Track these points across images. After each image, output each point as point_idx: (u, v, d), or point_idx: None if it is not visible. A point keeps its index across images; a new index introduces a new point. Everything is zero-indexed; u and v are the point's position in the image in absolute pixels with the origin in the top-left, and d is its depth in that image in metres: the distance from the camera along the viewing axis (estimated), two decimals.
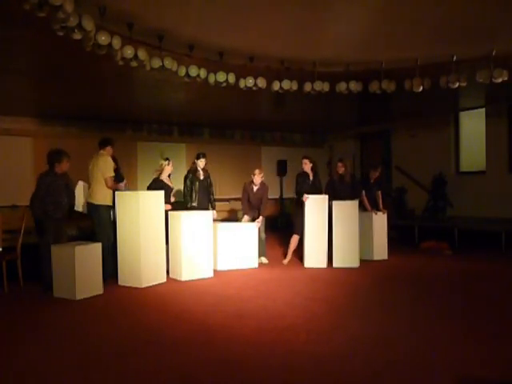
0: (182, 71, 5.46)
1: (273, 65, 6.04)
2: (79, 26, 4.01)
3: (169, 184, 6.43)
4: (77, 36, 4.14)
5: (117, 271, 5.61)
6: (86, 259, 5.00)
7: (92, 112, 9.38)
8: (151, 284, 5.51)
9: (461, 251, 7.79)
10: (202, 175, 6.70)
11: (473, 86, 6.34)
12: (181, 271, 5.79)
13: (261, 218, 6.86)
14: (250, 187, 6.94)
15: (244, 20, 4.77)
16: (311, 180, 6.84)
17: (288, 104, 8.78)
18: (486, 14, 4.68)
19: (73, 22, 3.92)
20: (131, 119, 10.40)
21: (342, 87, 6.30)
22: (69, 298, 4.86)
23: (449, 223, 8.92)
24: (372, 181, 7.37)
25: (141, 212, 5.42)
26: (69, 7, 3.72)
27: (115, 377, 2.96)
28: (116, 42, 4.53)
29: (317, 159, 7.28)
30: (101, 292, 5.12)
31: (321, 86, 6.24)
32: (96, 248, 5.18)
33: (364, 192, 7.17)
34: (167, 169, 6.42)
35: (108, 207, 5.72)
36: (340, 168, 7.03)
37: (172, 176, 6.66)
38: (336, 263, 6.55)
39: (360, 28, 4.96)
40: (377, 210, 7.18)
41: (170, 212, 6.03)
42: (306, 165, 6.83)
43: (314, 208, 6.59)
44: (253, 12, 4.54)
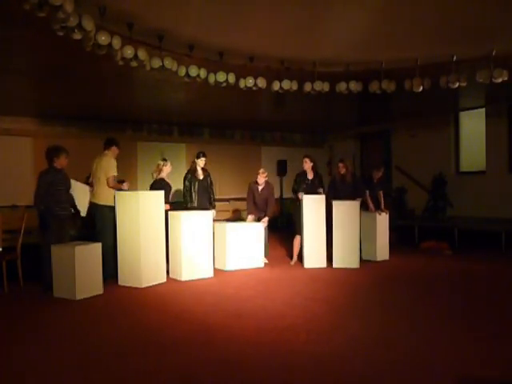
0: (182, 71, 5.46)
1: (273, 65, 6.04)
2: (79, 26, 4.01)
3: (170, 184, 6.43)
4: (77, 36, 4.14)
5: (117, 271, 5.61)
6: (86, 259, 5.00)
7: (92, 112, 9.38)
8: (151, 284, 5.51)
9: (461, 251, 7.79)
10: (202, 175, 6.66)
11: (473, 86, 6.33)
12: (181, 271, 5.80)
13: (266, 219, 6.86)
14: (255, 187, 6.93)
15: (244, 20, 4.77)
16: (310, 179, 6.84)
17: (288, 104, 8.78)
18: (486, 14, 4.68)
19: (73, 22, 3.92)
20: (131, 119, 10.40)
21: (342, 87, 6.30)
22: (69, 298, 4.86)
23: (449, 223, 8.92)
24: (375, 181, 7.37)
25: (141, 212, 5.42)
26: (69, 7, 3.72)
27: (115, 377, 2.95)
28: (116, 42, 4.53)
29: (317, 159, 7.28)
30: (101, 292, 5.12)
31: (321, 86, 6.24)
32: (96, 248, 5.18)
33: (368, 192, 7.18)
34: (165, 169, 6.43)
35: (111, 208, 5.71)
36: (341, 168, 7.01)
37: (170, 176, 6.65)
38: (336, 263, 6.55)
39: (360, 28, 4.96)
40: (379, 210, 7.17)
41: (170, 212, 6.03)
42: (307, 163, 6.83)
43: (313, 208, 6.59)
44: (253, 12, 4.54)
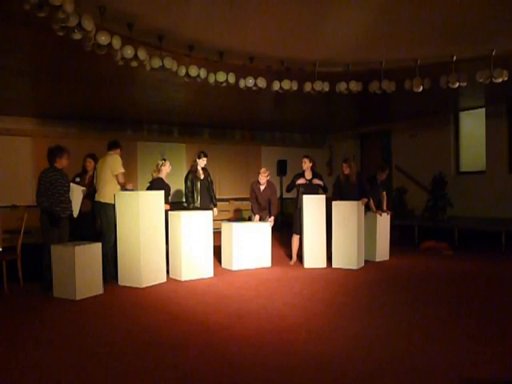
0: (182, 71, 5.46)
1: (273, 65, 6.04)
2: (79, 26, 4.01)
3: (168, 184, 6.43)
4: (77, 36, 4.14)
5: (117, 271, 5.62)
6: (86, 259, 5.00)
7: (92, 112, 9.38)
8: (151, 284, 5.51)
9: (461, 251, 7.79)
10: (202, 174, 6.68)
11: (473, 86, 6.34)
12: (181, 271, 5.80)
13: (272, 218, 6.87)
14: (257, 187, 6.94)
15: (244, 20, 4.77)
16: (309, 180, 6.83)
17: (288, 104, 8.78)
18: (486, 14, 4.68)
19: (73, 22, 3.93)
20: (131, 119, 10.41)
21: (342, 87, 6.30)
22: (69, 298, 4.86)
23: (449, 223, 8.92)
24: (379, 182, 7.35)
25: (141, 212, 5.42)
26: (69, 7, 3.72)
27: (115, 377, 2.95)
28: (116, 42, 4.53)
29: (317, 159, 7.28)
30: (101, 292, 5.12)
31: (321, 86, 6.24)
32: (96, 248, 5.18)
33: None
34: (164, 169, 6.44)
35: (115, 206, 5.72)
36: (345, 169, 6.91)
37: (170, 176, 6.66)
38: (335, 264, 6.55)
39: (360, 28, 4.96)
40: (381, 211, 7.17)
41: (170, 212, 6.03)
42: (306, 164, 6.83)
43: (313, 208, 6.59)
44: (253, 12, 4.54)
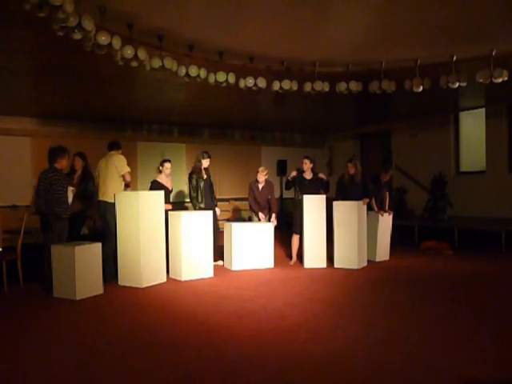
0: (182, 71, 5.46)
1: (273, 65, 6.04)
2: (79, 26, 4.01)
3: (165, 184, 6.44)
4: (77, 36, 4.14)
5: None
6: (86, 259, 5.00)
7: (92, 112, 9.38)
8: (151, 284, 5.51)
9: (461, 251, 7.79)
10: (205, 175, 6.74)
11: (473, 86, 6.34)
12: (181, 271, 5.79)
13: (274, 216, 6.87)
14: (256, 186, 6.94)
15: (244, 20, 4.77)
16: (308, 180, 6.83)
17: (288, 104, 8.78)
18: (486, 14, 4.68)
19: (73, 22, 3.93)
20: (131, 119, 10.41)
21: (342, 87, 6.30)
22: (69, 298, 4.86)
23: (449, 223, 8.91)
24: (382, 183, 7.33)
25: (141, 212, 5.42)
26: (69, 7, 3.72)
27: (115, 376, 2.95)
28: (116, 42, 4.53)
29: (317, 159, 7.27)
30: (101, 292, 5.12)
31: (321, 86, 6.24)
32: (96, 248, 5.18)
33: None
34: (163, 170, 6.52)
35: None
36: (351, 169, 6.88)
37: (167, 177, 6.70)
38: (337, 264, 6.54)
39: (360, 28, 4.96)
40: (383, 211, 7.15)
41: (170, 212, 6.04)
42: (306, 164, 6.83)
43: (313, 208, 6.59)
44: (253, 12, 4.54)
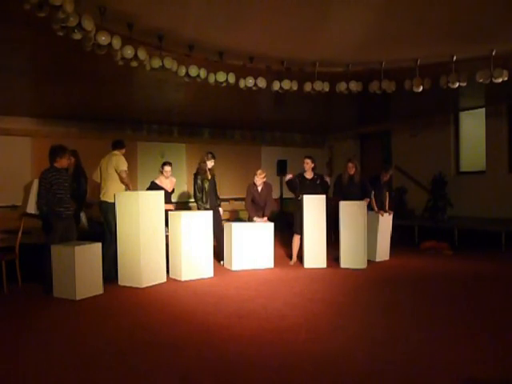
0: (182, 71, 5.45)
1: (273, 65, 6.04)
2: (79, 26, 4.00)
3: (163, 186, 6.46)
4: (77, 36, 4.14)
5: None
6: (86, 259, 5.00)
7: (92, 112, 9.38)
8: (151, 284, 5.51)
9: (461, 251, 7.79)
10: (210, 175, 6.78)
11: (473, 86, 6.33)
12: (181, 271, 5.80)
13: (265, 219, 6.87)
14: (255, 189, 6.93)
15: (244, 20, 4.76)
16: (309, 179, 6.83)
17: (288, 104, 8.78)
18: (486, 14, 4.68)
19: (73, 22, 3.92)
20: (131, 119, 10.40)
21: (342, 87, 6.30)
22: (69, 298, 4.86)
23: (449, 223, 8.91)
24: (382, 183, 7.33)
25: (141, 212, 5.42)
26: (69, 7, 3.72)
27: (115, 376, 2.95)
28: (116, 42, 4.52)
29: (317, 159, 7.28)
30: (101, 292, 5.13)
31: (321, 86, 6.24)
32: (96, 248, 5.18)
33: (373, 193, 7.15)
34: (163, 172, 6.61)
35: None
36: (351, 169, 6.89)
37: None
38: (343, 264, 6.52)
39: (360, 28, 4.96)
40: (383, 211, 7.14)
41: (170, 212, 6.05)
42: (308, 164, 6.83)
43: (313, 208, 6.58)
44: (253, 12, 4.53)
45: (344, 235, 6.56)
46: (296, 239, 6.92)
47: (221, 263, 6.77)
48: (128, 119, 10.37)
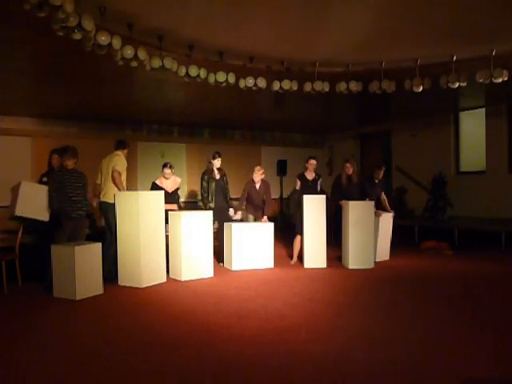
0: (182, 71, 5.45)
1: (273, 65, 6.04)
2: (79, 26, 4.01)
3: (163, 187, 6.47)
4: (77, 36, 4.14)
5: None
6: (86, 259, 5.01)
7: (92, 112, 9.37)
8: (151, 284, 5.51)
9: (461, 251, 7.79)
10: (218, 175, 6.80)
11: (473, 86, 6.33)
12: (181, 271, 5.80)
13: (266, 218, 6.86)
14: (253, 186, 6.93)
15: (244, 20, 4.76)
16: (311, 180, 6.83)
17: (288, 104, 8.77)
18: (486, 14, 4.68)
19: (73, 22, 3.92)
20: (131, 119, 10.40)
21: (342, 87, 6.29)
22: (69, 298, 4.86)
23: (449, 223, 8.91)
24: (376, 181, 7.31)
25: (141, 212, 5.42)
26: (69, 7, 3.72)
27: (115, 377, 2.95)
28: (116, 42, 4.52)
29: (317, 159, 7.28)
30: (101, 292, 5.13)
31: (321, 86, 6.23)
32: (96, 248, 5.18)
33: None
34: (163, 174, 6.62)
35: None
36: (349, 169, 6.90)
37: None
38: (352, 264, 6.49)
39: (360, 28, 4.96)
40: (383, 211, 7.12)
41: (170, 212, 6.05)
42: (313, 165, 6.82)
43: (313, 208, 6.58)
44: (253, 12, 4.53)
45: (352, 235, 6.51)
46: (298, 240, 6.91)
47: (220, 265, 6.77)
48: (128, 119, 10.36)
